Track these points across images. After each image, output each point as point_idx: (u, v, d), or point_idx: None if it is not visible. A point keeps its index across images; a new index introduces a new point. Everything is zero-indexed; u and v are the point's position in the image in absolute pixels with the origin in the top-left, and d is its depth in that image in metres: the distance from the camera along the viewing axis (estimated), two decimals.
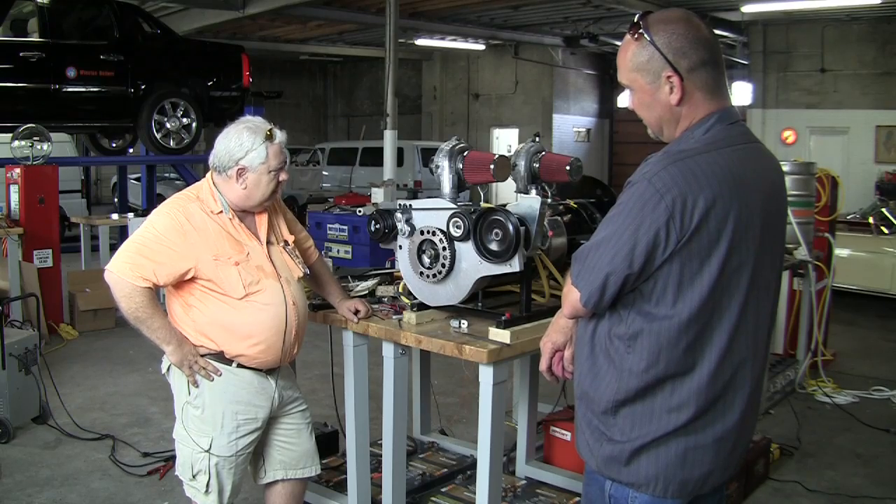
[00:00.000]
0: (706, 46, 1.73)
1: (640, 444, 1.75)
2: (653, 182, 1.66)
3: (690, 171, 1.65)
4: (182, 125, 8.83)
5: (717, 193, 1.65)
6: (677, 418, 1.73)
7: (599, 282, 1.71)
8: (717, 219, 1.65)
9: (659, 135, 1.83)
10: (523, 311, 2.73)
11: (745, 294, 1.73)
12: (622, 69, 1.80)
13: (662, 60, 1.71)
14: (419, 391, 3.96)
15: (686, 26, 1.73)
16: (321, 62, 23.08)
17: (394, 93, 10.88)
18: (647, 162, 1.73)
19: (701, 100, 1.74)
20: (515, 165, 2.78)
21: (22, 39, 7.85)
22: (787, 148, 14.17)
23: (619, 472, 1.79)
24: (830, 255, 6.00)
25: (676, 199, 1.63)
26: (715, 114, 1.75)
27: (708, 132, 1.73)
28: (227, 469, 2.64)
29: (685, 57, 1.71)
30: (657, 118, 1.79)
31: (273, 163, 2.58)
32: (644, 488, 1.77)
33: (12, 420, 4.45)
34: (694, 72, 1.72)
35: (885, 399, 5.38)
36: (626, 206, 1.70)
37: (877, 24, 13.48)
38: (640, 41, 1.74)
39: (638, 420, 1.75)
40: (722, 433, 1.76)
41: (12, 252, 6.48)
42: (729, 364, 1.74)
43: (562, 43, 16.90)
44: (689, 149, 1.71)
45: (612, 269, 1.69)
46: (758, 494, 3.89)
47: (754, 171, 1.75)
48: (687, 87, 1.72)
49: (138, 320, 2.52)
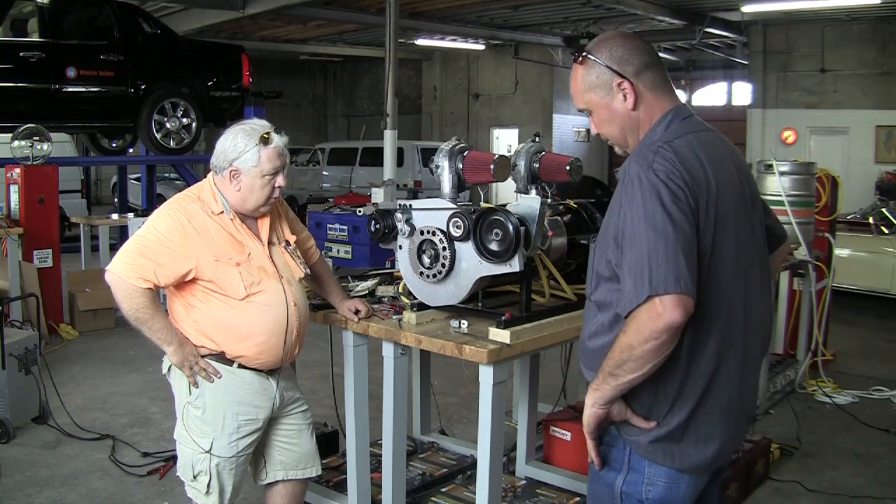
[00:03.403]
0: (645, 51, 1.88)
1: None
2: (654, 170, 1.71)
3: (676, 155, 1.74)
4: (182, 125, 8.83)
5: (703, 172, 1.75)
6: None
7: (679, 263, 1.64)
8: (707, 195, 1.74)
9: (626, 148, 1.93)
10: (523, 311, 2.73)
11: (733, 267, 1.79)
12: (577, 96, 1.93)
13: (609, 72, 1.85)
14: (419, 391, 3.96)
15: (622, 39, 1.89)
16: (321, 62, 23.08)
17: (394, 93, 10.87)
18: (628, 164, 1.79)
19: (653, 100, 1.87)
20: (515, 165, 2.78)
21: (22, 39, 7.85)
22: (787, 148, 14.16)
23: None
24: (830, 255, 6.00)
25: (680, 180, 1.70)
26: (670, 112, 1.87)
27: (668, 127, 1.84)
28: (228, 470, 2.64)
29: (629, 63, 1.85)
30: (619, 129, 1.90)
31: (266, 167, 2.56)
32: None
33: (12, 420, 4.45)
34: (640, 75, 1.85)
35: (885, 399, 5.38)
36: (636, 204, 1.70)
37: (877, 24, 13.48)
38: (585, 64, 1.89)
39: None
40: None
41: (12, 252, 6.48)
42: (727, 338, 1.80)
43: (562, 43, 16.91)
44: (660, 139, 1.80)
45: (677, 245, 1.65)
46: (758, 494, 3.89)
47: (721, 152, 1.85)
48: (638, 89, 1.85)
49: (139, 321, 2.52)
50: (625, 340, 1.70)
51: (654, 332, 1.65)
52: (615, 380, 1.74)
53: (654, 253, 1.65)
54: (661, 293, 1.63)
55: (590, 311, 1.93)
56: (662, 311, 1.63)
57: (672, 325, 1.64)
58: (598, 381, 1.78)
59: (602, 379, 1.76)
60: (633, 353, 1.68)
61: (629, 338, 1.69)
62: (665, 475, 1.82)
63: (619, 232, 1.74)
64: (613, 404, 1.79)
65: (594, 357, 1.86)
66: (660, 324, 1.64)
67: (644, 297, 1.64)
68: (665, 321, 1.63)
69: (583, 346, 1.96)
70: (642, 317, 1.66)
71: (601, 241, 1.86)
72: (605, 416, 1.80)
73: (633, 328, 1.68)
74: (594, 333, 1.88)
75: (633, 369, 1.70)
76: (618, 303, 1.76)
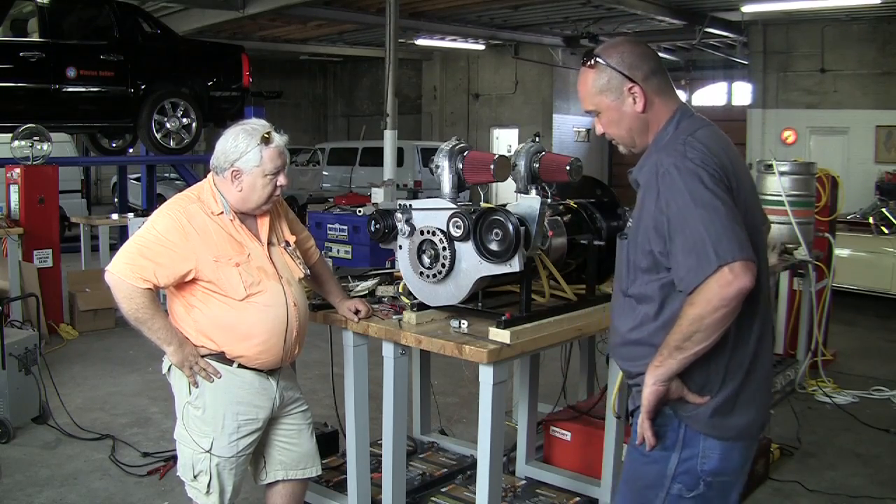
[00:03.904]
0: (651, 57, 2.01)
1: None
2: (689, 158, 1.83)
3: (703, 144, 1.87)
4: (182, 125, 8.83)
5: (727, 159, 1.89)
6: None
7: (737, 233, 1.75)
8: (734, 179, 1.88)
9: (632, 147, 2.05)
10: (523, 311, 2.73)
11: (760, 246, 1.92)
12: (586, 98, 2.04)
13: (620, 77, 1.97)
14: (419, 391, 3.97)
15: (631, 45, 2.01)
16: (321, 62, 23.08)
17: (394, 93, 10.88)
18: (658, 159, 1.88)
19: (661, 104, 2.00)
20: (515, 165, 2.78)
21: (22, 39, 7.85)
22: (787, 148, 14.16)
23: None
24: (830, 255, 6.00)
25: (714, 164, 1.83)
26: (677, 112, 2.00)
27: (679, 125, 1.97)
28: (229, 469, 2.64)
29: (638, 69, 1.97)
30: (628, 130, 2.02)
31: (268, 166, 2.57)
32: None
33: (12, 420, 4.45)
34: (648, 80, 1.98)
35: (885, 399, 5.38)
36: (678, 190, 1.81)
37: (877, 24, 13.48)
38: (596, 68, 2.00)
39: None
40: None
41: (12, 252, 6.48)
42: (765, 313, 1.97)
43: (562, 43, 16.91)
44: (680, 133, 1.93)
45: (730, 217, 1.76)
46: (758, 494, 3.88)
47: (725, 144, 1.97)
48: (647, 93, 1.97)
49: (139, 321, 2.52)
50: (693, 312, 1.76)
51: (724, 300, 1.73)
52: (682, 353, 1.80)
53: (711, 227, 1.74)
54: (729, 261, 1.72)
55: (625, 306, 2.00)
56: (733, 278, 1.71)
57: (743, 290, 1.73)
58: (661, 357, 1.84)
59: (667, 354, 1.83)
60: (703, 322, 1.76)
61: (698, 309, 1.75)
62: (719, 447, 1.92)
63: (663, 221, 1.82)
64: (672, 381, 1.87)
65: (636, 348, 1.96)
66: (731, 290, 1.72)
67: (714, 269, 1.72)
68: (736, 287, 1.72)
69: (620, 339, 2.03)
70: (712, 287, 1.73)
71: (634, 236, 1.96)
72: (665, 392, 1.87)
73: (701, 299, 1.75)
74: (637, 325, 1.96)
75: (700, 340, 1.78)
76: (655, 293, 1.89)
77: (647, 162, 1.94)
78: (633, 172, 2.01)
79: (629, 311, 1.98)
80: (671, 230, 1.81)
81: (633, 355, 1.98)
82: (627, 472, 2.10)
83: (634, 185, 2.00)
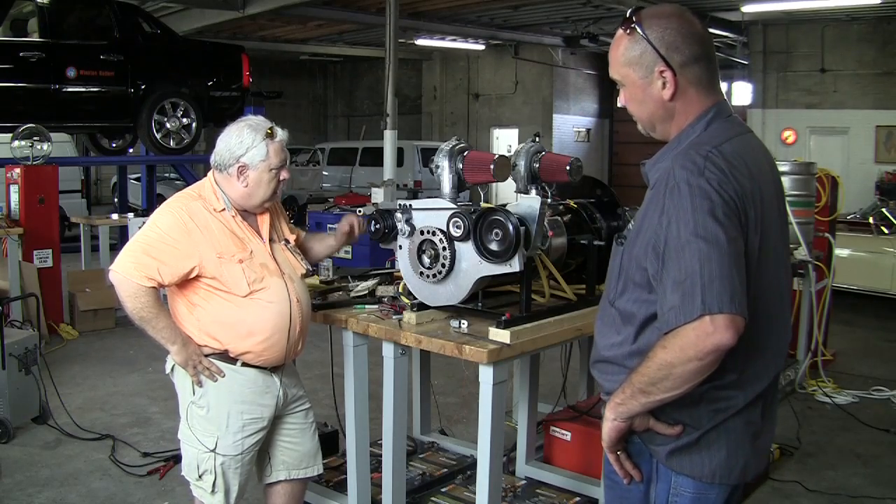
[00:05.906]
0: (699, 42, 1.72)
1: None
2: (706, 178, 1.59)
3: (727, 163, 1.62)
4: (182, 125, 8.82)
5: (752, 181, 1.65)
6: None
7: (732, 280, 1.53)
8: (756, 206, 1.65)
9: (650, 131, 1.81)
10: (523, 311, 2.73)
11: (773, 275, 1.72)
12: (614, 64, 1.78)
13: (655, 55, 1.70)
14: (419, 391, 3.97)
15: (679, 21, 1.72)
16: (321, 62, 23.09)
17: (394, 93, 10.87)
18: (671, 167, 1.65)
19: (695, 95, 1.73)
20: (515, 165, 2.78)
21: (22, 39, 7.84)
22: (787, 148, 14.17)
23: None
24: (830, 255, 6.00)
25: (732, 191, 1.60)
26: (712, 108, 1.74)
27: (709, 126, 1.72)
28: (234, 469, 2.64)
29: (678, 52, 1.69)
30: (649, 114, 1.77)
31: (274, 160, 2.59)
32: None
33: (12, 420, 4.45)
34: (687, 67, 1.70)
35: (885, 399, 5.38)
36: (685, 213, 1.58)
37: (877, 24, 13.49)
38: (632, 35, 1.73)
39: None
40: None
41: (12, 252, 6.49)
42: (773, 350, 1.78)
43: (562, 43, 16.90)
44: (707, 142, 1.67)
45: (731, 260, 1.54)
46: (758, 494, 3.88)
47: (757, 158, 1.74)
48: (680, 82, 1.70)
49: (143, 320, 2.52)
50: (664, 357, 1.57)
51: (699, 353, 1.53)
52: (646, 397, 1.62)
53: (707, 265, 1.53)
54: (714, 312, 1.51)
55: (609, 316, 1.81)
56: (713, 330, 1.51)
57: (721, 347, 1.52)
58: (623, 395, 1.66)
59: (630, 395, 1.65)
60: (673, 371, 1.56)
61: (670, 355, 1.56)
62: (692, 485, 1.73)
63: (661, 241, 1.61)
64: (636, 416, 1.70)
65: (612, 366, 1.79)
66: (707, 344, 1.52)
67: (695, 315, 1.52)
68: (714, 342, 1.52)
69: (599, 353, 1.85)
70: (689, 335, 1.53)
71: (633, 244, 1.73)
72: (626, 428, 1.71)
73: (675, 346, 1.55)
74: (616, 344, 1.78)
75: (667, 388, 1.59)
76: (639, 313, 1.70)
77: (663, 162, 1.72)
78: (646, 164, 1.80)
79: (611, 325, 1.79)
80: (666, 254, 1.60)
81: (607, 370, 1.81)
82: (607, 499, 1.94)
83: (645, 178, 1.78)
